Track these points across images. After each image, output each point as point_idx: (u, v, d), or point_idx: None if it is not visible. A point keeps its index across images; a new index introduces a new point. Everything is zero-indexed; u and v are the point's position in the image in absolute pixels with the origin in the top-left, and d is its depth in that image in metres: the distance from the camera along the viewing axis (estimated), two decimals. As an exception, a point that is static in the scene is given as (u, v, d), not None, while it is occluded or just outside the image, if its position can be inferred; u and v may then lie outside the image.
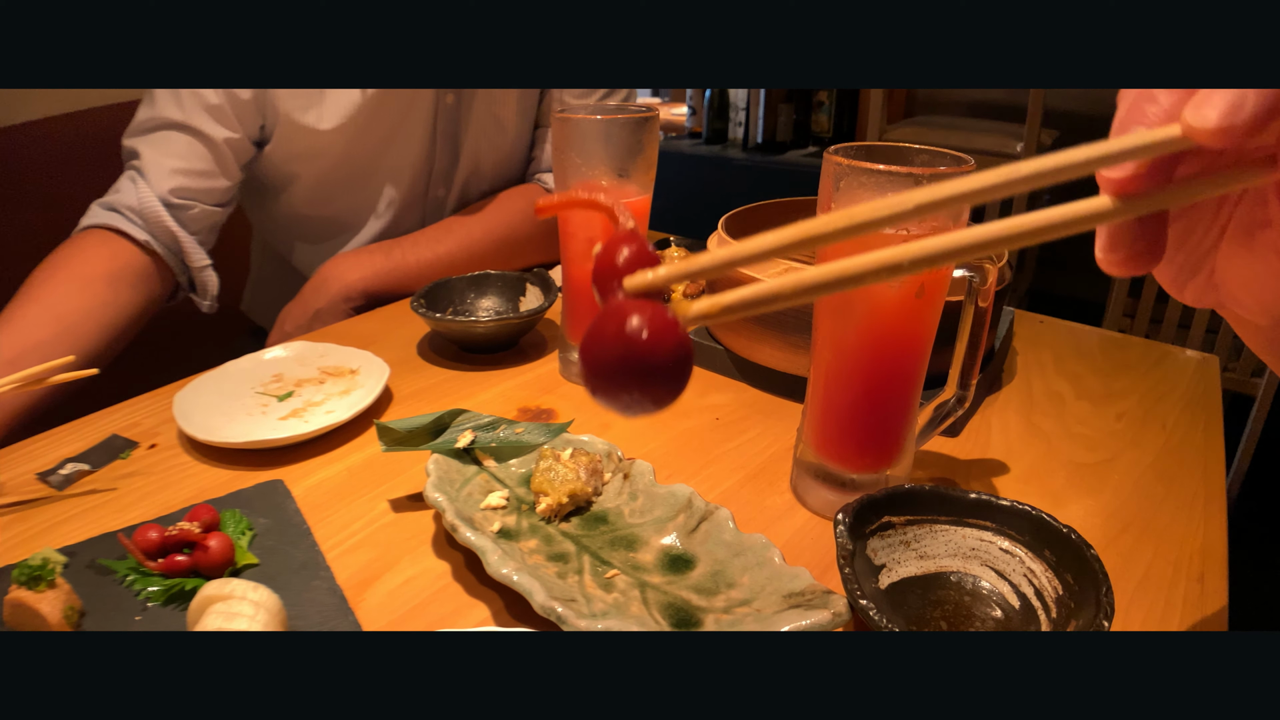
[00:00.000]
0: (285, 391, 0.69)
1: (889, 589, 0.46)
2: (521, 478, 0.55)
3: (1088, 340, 0.83)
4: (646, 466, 0.54)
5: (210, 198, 0.87)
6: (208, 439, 0.59)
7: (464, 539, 0.46)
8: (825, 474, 0.54)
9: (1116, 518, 0.55)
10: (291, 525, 0.52)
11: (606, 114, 0.64)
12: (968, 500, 0.48)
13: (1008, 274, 0.67)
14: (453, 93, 0.96)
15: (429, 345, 0.80)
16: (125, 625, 0.44)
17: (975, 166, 0.46)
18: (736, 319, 0.51)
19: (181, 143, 0.84)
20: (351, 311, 0.90)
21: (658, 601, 0.45)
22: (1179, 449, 0.63)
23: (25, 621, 0.42)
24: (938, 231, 0.45)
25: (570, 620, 0.41)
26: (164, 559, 0.47)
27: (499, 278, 0.85)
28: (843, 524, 0.45)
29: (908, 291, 0.47)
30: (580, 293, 0.70)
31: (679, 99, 3.26)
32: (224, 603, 0.40)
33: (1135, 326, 1.89)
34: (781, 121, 2.83)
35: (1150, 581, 0.49)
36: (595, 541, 0.50)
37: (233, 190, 0.90)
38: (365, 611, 0.46)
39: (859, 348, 0.50)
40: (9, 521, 0.54)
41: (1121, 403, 0.70)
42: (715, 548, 0.48)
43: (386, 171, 0.98)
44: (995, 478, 0.59)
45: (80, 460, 0.60)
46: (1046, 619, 0.43)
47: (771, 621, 0.40)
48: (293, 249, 1.05)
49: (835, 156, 0.47)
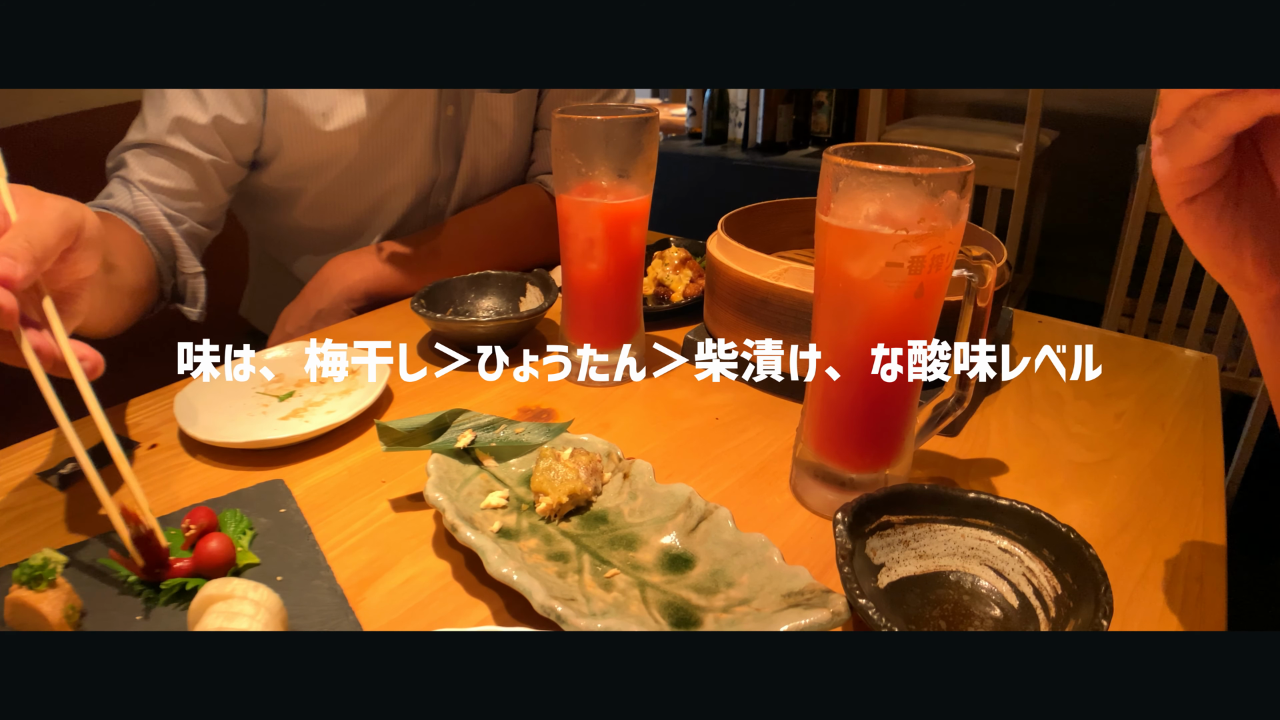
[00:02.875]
0: (286, 391, 0.69)
1: (888, 588, 0.46)
2: (521, 477, 0.55)
3: (1087, 340, 0.83)
4: (646, 466, 0.54)
5: (194, 215, 0.87)
6: (208, 439, 0.60)
7: (464, 539, 0.47)
8: (824, 473, 0.54)
9: (1115, 517, 0.55)
10: (292, 525, 0.52)
11: (606, 114, 0.64)
12: (967, 500, 0.48)
13: (1007, 274, 0.67)
14: (452, 104, 0.96)
15: (429, 345, 0.80)
16: (126, 625, 0.45)
17: (974, 166, 0.46)
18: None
19: (163, 163, 0.84)
20: (353, 312, 0.90)
21: (657, 601, 0.45)
22: (1178, 448, 0.63)
23: (26, 621, 0.42)
24: (937, 231, 0.46)
25: (570, 620, 0.41)
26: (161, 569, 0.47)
27: (499, 278, 0.85)
28: (842, 523, 0.45)
29: (907, 292, 0.47)
30: (580, 293, 0.70)
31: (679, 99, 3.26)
32: (224, 602, 0.40)
33: (1134, 326, 1.90)
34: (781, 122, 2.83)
35: (1149, 581, 0.49)
36: (595, 541, 0.50)
37: (218, 212, 0.90)
38: (365, 611, 0.46)
39: (859, 347, 0.50)
40: (9, 521, 0.54)
41: (1120, 402, 0.70)
42: (715, 547, 0.48)
43: (390, 185, 0.97)
44: (994, 477, 0.59)
45: (81, 460, 0.60)
46: (1045, 618, 0.43)
47: (771, 621, 0.40)
48: (294, 259, 1.05)
49: (835, 157, 0.47)
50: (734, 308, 0.70)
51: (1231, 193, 0.37)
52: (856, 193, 0.46)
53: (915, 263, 0.46)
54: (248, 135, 0.87)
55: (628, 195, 0.66)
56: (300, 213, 0.97)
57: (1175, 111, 0.34)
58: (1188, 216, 0.37)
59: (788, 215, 0.84)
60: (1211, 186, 0.36)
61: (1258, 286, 0.38)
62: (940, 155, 0.47)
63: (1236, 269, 0.38)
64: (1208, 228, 0.37)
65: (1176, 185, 0.36)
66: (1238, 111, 0.31)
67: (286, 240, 1.04)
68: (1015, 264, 2.21)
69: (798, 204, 0.84)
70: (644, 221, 0.69)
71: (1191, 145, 0.34)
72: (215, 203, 0.89)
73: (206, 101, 0.83)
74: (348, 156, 0.92)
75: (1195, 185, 0.36)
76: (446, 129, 0.97)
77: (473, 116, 0.99)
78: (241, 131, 0.86)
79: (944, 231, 0.46)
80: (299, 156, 0.90)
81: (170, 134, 0.83)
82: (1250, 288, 0.38)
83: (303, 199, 0.96)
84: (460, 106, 0.97)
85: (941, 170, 0.45)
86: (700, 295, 0.83)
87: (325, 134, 0.89)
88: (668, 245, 0.91)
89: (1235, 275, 0.38)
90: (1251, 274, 0.37)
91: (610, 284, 0.69)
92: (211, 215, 0.90)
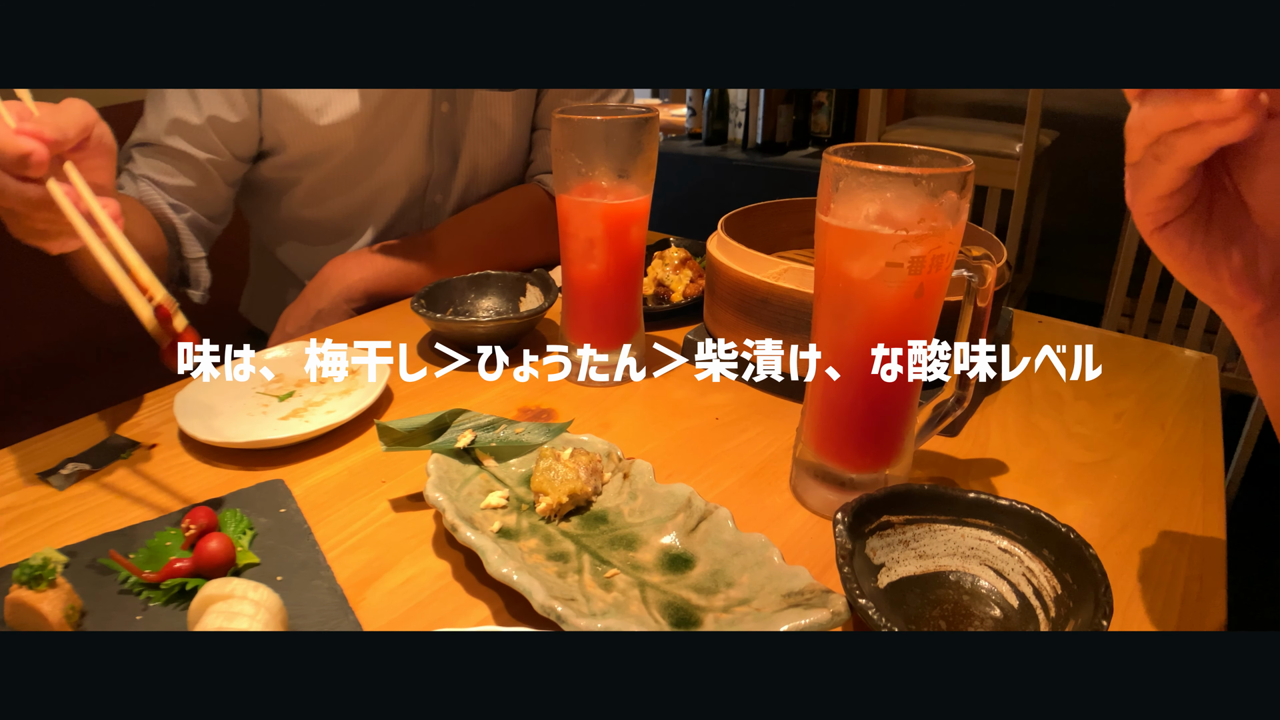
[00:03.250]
0: (286, 391, 0.69)
1: (888, 588, 0.46)
2: (521, 477, 0.55)
3: (1086, 340, 0.83)
4: (646, 466, 0.54)
5: (199, 208, 0.89)
6: (208, 439, 0.60)
7: (464, 539, 0.47)
8: (824, 473, 0.54)
9: (1115, 517, 0.55)
10: (292, 525, 0.52)
11: (607, 114, 0.64)
12: (966, 500, 0.48)
13: (1007, 274, 0.67)
14: (448, 101, 0.96)
15: (429, 345, 0.80)
16: (126, 625, 0.45)
17: (974, 167, 0.46)
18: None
19: (164, 163, 0.86)
20: (353, 312, 0.90)
21: (657, 601, 0.45)
22: (1178, 448, 0.63)
23: (26, 621, 0.42)
24: (937, 232, 0.46)
25: (570, 619, 0.41)
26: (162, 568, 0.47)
27: (499, 278, 0.85)
28: (842, 523, 0.45)
29: (907, 292, 0.47)
30: (580, 293, 0.70)
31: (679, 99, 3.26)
32: (224, 602, 0.40)
33: (1134, 326, 1.90)
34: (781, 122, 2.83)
35: (1149, 581, 0.49)
36: (595, 541, 0.50)
37: (223, 204, 0.92)
38: (365, 611, 0.46)
39: (859, 348, 0.50)
40: (9, 521, 0.54)
41: (1120, 402, 0.70)
42: (715, 547, 0.48)
43: (383, 178, 0.97)
44: (994, 477, 0.59)
45: (81, 460, 0.60)
46: (1045, 618, 0.43)
47: (770, 621, 0.40)
48: (290, 252, 1.05)
49: (834, 157, 0.47)
50: (734, 308, 0.70)
51: (1203, 216, 0.38)
52: (856, 193, 0.46)
53: (915, 263, 0.46)
54: (244, 133, 0.88)
55: (628, 195, 0.66)
56: (295, 203, 0.98)
57: (1139, 148, 0.36)
58: (1161, 242, 0.39)
59: (788, 215, 0.84)
60: (1183, 213, 0.38)
61: (1240, 305, 0.39)
62: (940, 155, 0.47)
63: (1217, 289, 0.39)
64: (1181, 251, 0.39)
65: (1147, 215, 0.38)
66: (1192, 146, 0.34)
67: (285, 232, 1.04)
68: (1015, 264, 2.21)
69: (798, 204, 0.84)
70: (644, 221, 0.69)
71: (1156, 178, 0.36)
72: (218, 197, 0.91)
73: (200, 102, 0.84)
74: (344, 150, 0.92)
75: (1165, 214, 0.38)
76: (441, 126, 0.97)
77: (471, 115, 0.99)
78: (237, 130, 0.87)
79: (944, 231, 0.46)
80: (296, 149, 0.91)
81: (168, 135, 0.85)
82: (1234, 306, 0.39)
83: (298, 190, 0.96)
84: (456, 104, 0.97)
85: (941, 170, 0.45)
86: (700, 295, 0.83)
87: (320, 128, 0.89)
88: (668, 245, 0.91)
89: (1217, 295, 0.39)
90: (1232, 293, 0.39)
91: (610, 284, 0.69)
92: (216, 209, 0.91)
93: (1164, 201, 0.37)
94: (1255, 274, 0.38)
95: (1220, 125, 0.32)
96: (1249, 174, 0.36)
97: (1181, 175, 0.36)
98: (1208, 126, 0.32)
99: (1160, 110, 0.34)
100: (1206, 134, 0.33)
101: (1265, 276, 0.38)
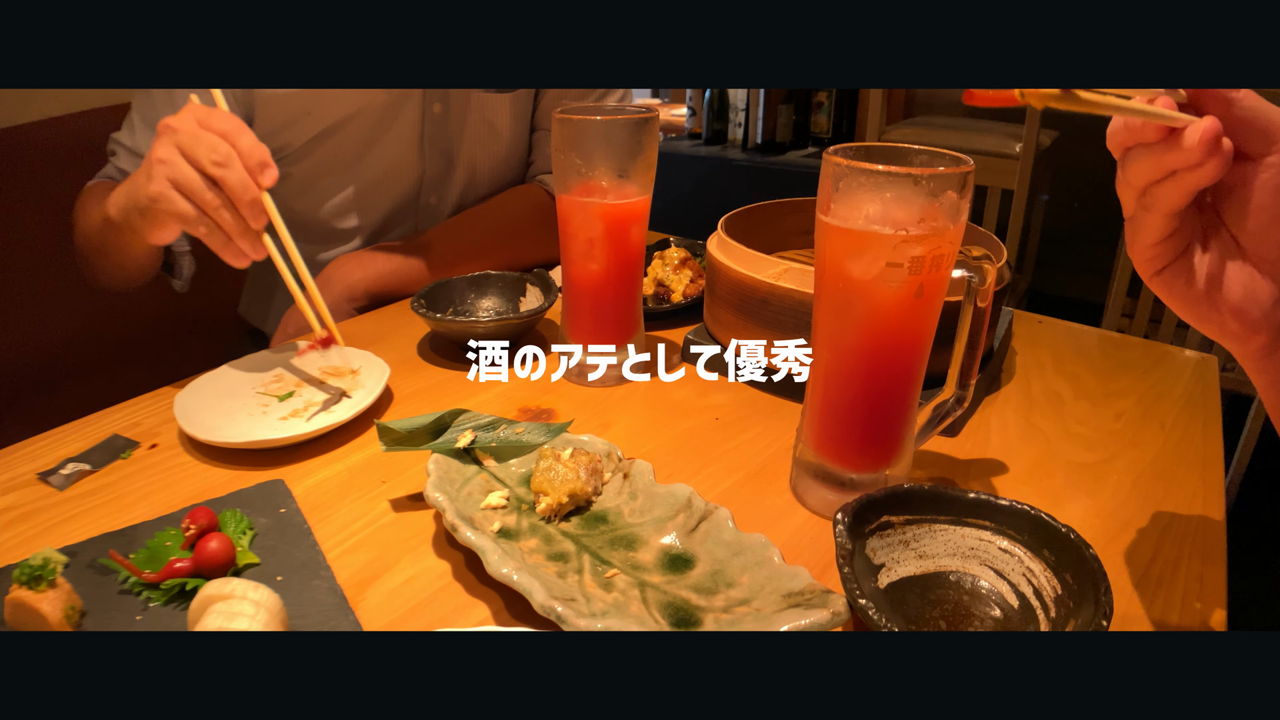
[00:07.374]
0: (286, 391, 0.69)
1: (888, 588, 0.46)
2: (521, 477, 0.55)
3: (1086, 340, 0.83)
4: (646, 466, 0.54)
5: None
6: (208, 439, 0.60)
7: (464, 539, 0.47)
8: (824, 474, 0.54)
9: (1115, 517, 0.55)
10: (292, 525, 0.52)
11: (607, 114, 0.64)
12: (967, 500, 0.48)
13: (1006, 274, 0.67)
14: (439, 101, 0.96)
15: (429, 345, 0.80)
16: (126, 625, 0.45)
17: (974, 167, 0.46)
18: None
19: None
20: (354, 312, 0.90)
21: (657, 601, 0.45)
22: (1178, 449, 0.63)
23: (26, 621, 0.42)
24: (937, 232, 0.46)
25: (570, 620, 0.41)
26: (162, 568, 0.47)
27: (499, 278, 0.85)
28: (842, 523, 0.45)
29: (907, 292, 0.47)
30: (580, 293, 0.70)
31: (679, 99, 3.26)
32: (224, 602, 0.40)
33: (1134, 326, 1.90)
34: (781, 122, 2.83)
35: (1149, 581, 0.49)
36: (595, 541, 0.50)
37: None
38: (365, 611, 0.46)
39: (859, 348, 0.50)
40: (9, 521, 0.54)
41: (1120, 402, 0.70)
42: (715, 547, 0.48)
43: (372, 176, 0.97)
44: (994, 477, 0.59)
45: (81, 460, 0.60)
46: (1045, 618, 0.43)
47: (771, 621, 0.40)
48: None
49: (834, 157, 0.47)
50: (734, 308, 0.70)
51: (1199, 257, 0.40)
52: (856, 193, 0.46)
53: (915, 263, 0.46)
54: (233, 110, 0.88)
55: (628, 195, 0.66)
56: (288, 195, 0.98)
57: (1130, 203, 0.39)
58: (1162, 285, 0.41)
59: (788, 215, 0.84)
60: (1179, 256, 0.40)
61: (1243, 338, 0.40)
62: (940, 155, 0.47)
63: (1220, 324, 0.40)
64: (1180, 291, 0.40)
65: (1146, 261, 0.41)
66: (1174, 193, 0.37)
67: None
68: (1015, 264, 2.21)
69: (798, 204, 0.84)
70: (644, 221, 0.69)
71: (1148, 227, 0.39)
72: None
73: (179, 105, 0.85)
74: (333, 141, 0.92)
75: (1161, 259, 0.40)
76: (433, 126, 0.97)
77: (468, 117, 0.99)
78: None
79: (944, 232, 0.46)
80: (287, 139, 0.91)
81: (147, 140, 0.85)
82: (1238, 339, 0.41)
83: (290, 182, 0.96)
84: (449, 105, 0.97)
85: (941, 170, 0.45)
86: (700, 295, 0.83)
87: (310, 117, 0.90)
88: (668, 245, 0.91)
89: (1221, 330, 0.41)
90: (1234, 327, 0.40)
91: (610, 284, 0.69)
92: None
93: (1159, 248, 0.40)
94: (1256, 309, 0.39)
95: (1192, 171, 0.35)
96: (1238, 215, 0.38)
97: (1170, 221, 0.38)
98: (1183, 174, 0.36)
99: (1140, 164, 0.37)
100: (1183, 180, 0.36)
101: (1265, 310, 0.39)
